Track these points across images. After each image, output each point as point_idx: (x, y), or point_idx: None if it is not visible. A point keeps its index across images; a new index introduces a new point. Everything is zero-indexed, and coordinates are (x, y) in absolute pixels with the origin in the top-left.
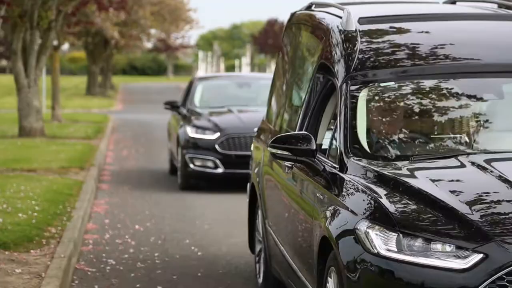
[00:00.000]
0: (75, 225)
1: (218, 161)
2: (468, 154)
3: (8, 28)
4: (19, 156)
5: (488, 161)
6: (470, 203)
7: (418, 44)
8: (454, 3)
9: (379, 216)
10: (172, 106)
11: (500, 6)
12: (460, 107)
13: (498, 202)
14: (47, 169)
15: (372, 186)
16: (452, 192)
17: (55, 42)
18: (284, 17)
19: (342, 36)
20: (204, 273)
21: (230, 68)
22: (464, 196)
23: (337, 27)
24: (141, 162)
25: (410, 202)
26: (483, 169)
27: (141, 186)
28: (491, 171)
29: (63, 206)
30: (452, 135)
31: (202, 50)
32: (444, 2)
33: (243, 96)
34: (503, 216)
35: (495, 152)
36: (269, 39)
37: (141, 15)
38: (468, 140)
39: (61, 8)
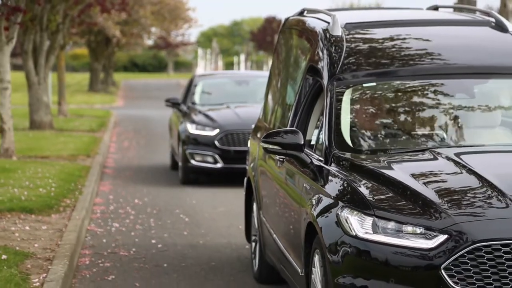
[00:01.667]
0: (86, 198)
1: (217, 157)
2: (441, 148)
3: (20, 31)
4: (32, 146)
5: (458, 155)
6: (438, 191)
7: (399, 48)
8: (436, 9)
9: (357, 203)
10: (173, 103)
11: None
12: (435, 105)
13: (462, 190)
14: (58, 156)
15: (353, 176)
16: (423, 181)
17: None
18: (282, 15)
19: (329, 40)
20: (190, 233)
21: (229, 65)
22: (433, 185)
23: (325, 32)
24: (141, 152)
25: (385, 190)
26: (453, 161)
27: (140, 171)
28: (459, 163)
29: (74, 184)
30: (427, 131)
31: (202, 48)
32: (428, 8)
33: (241, 94)
34: (466, 202)
35: (465, 146)
36: (267, 36)
37: (142, 14)
38: (441, 136)
39: (68, 12)
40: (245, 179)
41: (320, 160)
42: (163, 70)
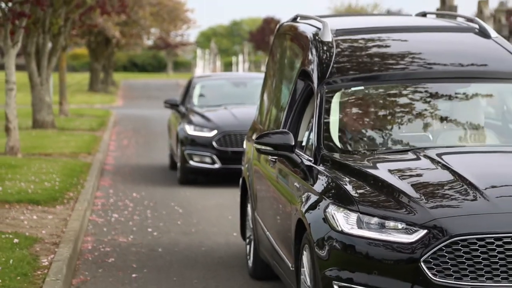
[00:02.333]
0: (87, 191)
1: (215, 157)
2: (424, 149)
3: (23, 33)
4: (35, 144)
5: (439, 155)
6: (418, 188)
7: (386, 53)
8: (424, 15)
9: (343, 200)
10: (171, 104)
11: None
12: (420, 108)
13: (442, 188)
14: (61, 154)
15: (340, 175)
16: (405, 179)
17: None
18: (281, 15)
19: (320, 46)
20: (183, 222)
21: (228, 65)
22: (415, 183)
23: (315, 37)
24: (140, 151)
25: (369, 188)
26: (434, 161)
27: (139, 168)
28: (440, 163)
29: (77, 179)
30: (412, 133)
31: (201, 48)
32: (416, 15)
33: (239, 95)
34: (445, 199)
35: (448, 147)
36: (265, 37)
37: (141, 15)
38: (426, 137)
39: (69, 15)
40: (241, 179)
41: (310, 160)
42: (163, 70)
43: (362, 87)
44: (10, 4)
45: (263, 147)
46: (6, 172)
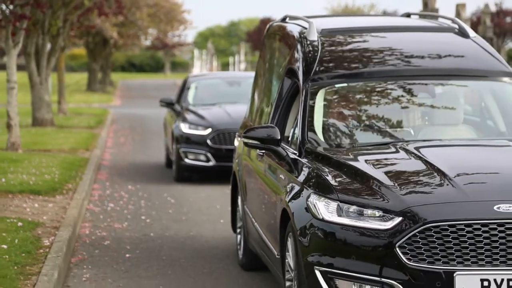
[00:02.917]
0: (85, 183)
1: (209, 155)
2: (403, 142)
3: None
4: (35, 141)
5: (417, 148)
6: (395, 179)
7: (369, 52)
8: (409, 16)
9: (324, 190)
10: (167, 103)
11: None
12: (401, 104)
13: (416, 177)
14: (60, 150)
15: (321, 167)
16: (383, 170)
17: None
18: (278, 15)
19: (306, 45)
20: (174, 211)
21: (225, 65)
22: (392, 173)
23: (302, 37)
24: (136, 147)
25: (349, 179)
26: (411, 154)
27: (134, 163)
28: (416, 155)
29: (75, 172)
30: (393, 128)
31: (198, 48)
32: (401, 15)
33: (233, 94)
34: (419, 188)
35: (426, 141)
36: (262, 37)
37: (138, 16)
38: (406, 132)
39: (67, 17)
40: (232, 174)
41: (295, 154)
42: (160, 70)
43: (345, 84)
44: (11, 6)
45: (250, 141)
46: (8, 166)
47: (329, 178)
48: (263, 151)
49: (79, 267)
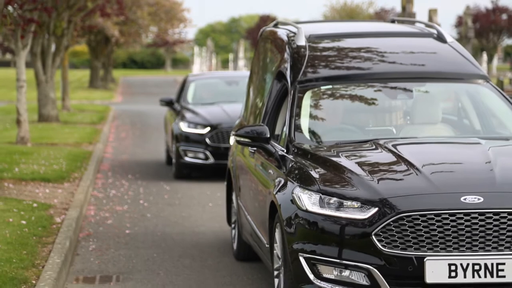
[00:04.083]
0: (90, 172)
1: (208, 153)
2: (383, 140)
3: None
4: (42, 135)
5: (395, 145)
6: (372, 172)
7: (353, 56)
8: (393, 22)
9: (308, 183)
10: (166, 102)
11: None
12: (383, 105)
13: (392, 171)
14: (65, 143)
15: (306, 162)
16: (362, 165)
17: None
18: (278, 12)
19: (294, 49)
20: (169, 196)
21: (226, 62)
22: (369, 167)
23: (291, 42)
24: (136, 141)
25: (331, 173)
26: (389, 150)
27: (135, 156)
28: (394, 151)
29: (80, 163)
30: (374, 127)
31: (198, 45)
32: (386, 21)
33: (231, 93)
34: (394, 181)
35: (405, 139)
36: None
37: (139, 15)
38: (387, 131)
39: (71, 18)
40: (227, 170)
41: (283, 150)
42: (161, 67)
43: (330, 86)
44: (20, 11)
45: (241, 139)
46: (20, 158)
47: (313, 172)
48: (255, 148)
49: (86, 240)
